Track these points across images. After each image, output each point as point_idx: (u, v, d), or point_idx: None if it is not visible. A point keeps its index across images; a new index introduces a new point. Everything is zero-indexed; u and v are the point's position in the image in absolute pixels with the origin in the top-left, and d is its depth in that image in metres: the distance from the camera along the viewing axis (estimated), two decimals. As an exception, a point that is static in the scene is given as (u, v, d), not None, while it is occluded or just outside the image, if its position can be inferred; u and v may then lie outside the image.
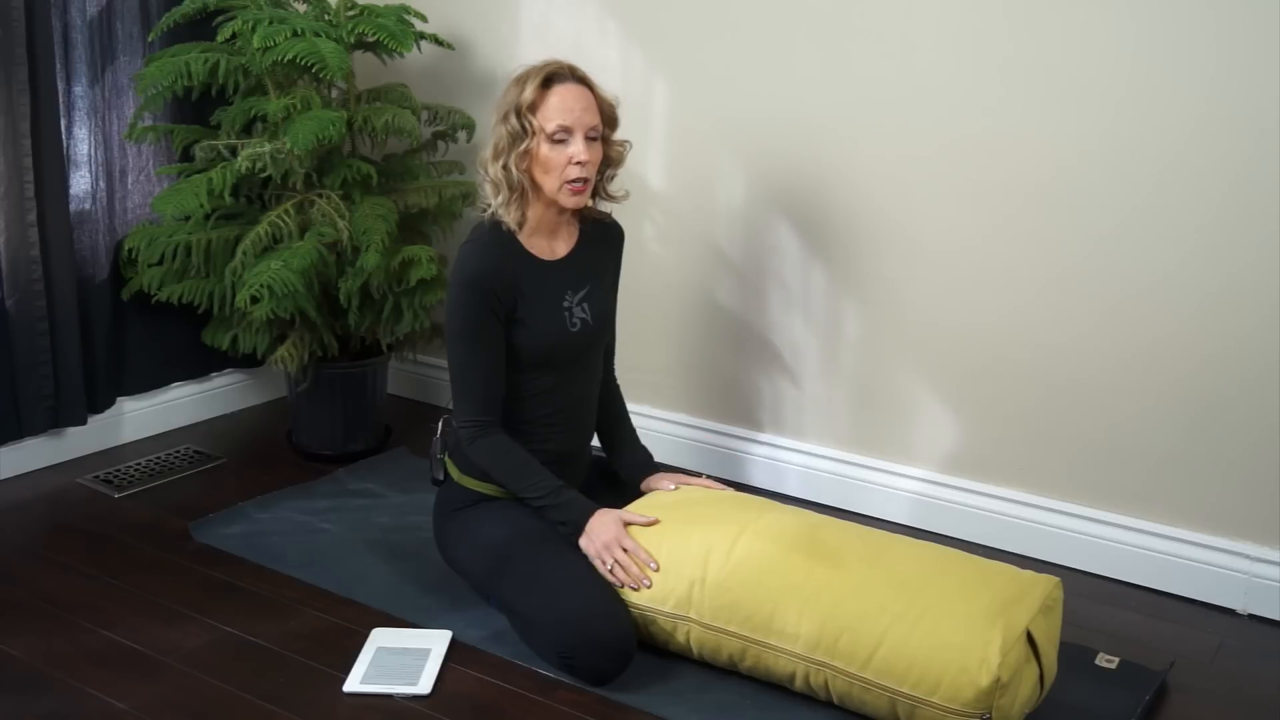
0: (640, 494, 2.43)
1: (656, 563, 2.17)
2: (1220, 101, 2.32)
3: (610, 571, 2.19)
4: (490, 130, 2.30)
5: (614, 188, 2.41)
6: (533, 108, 2.23)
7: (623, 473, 2.53)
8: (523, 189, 2.27)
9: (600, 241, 2.46)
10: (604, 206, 2.45)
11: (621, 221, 2.52)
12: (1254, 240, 2.34)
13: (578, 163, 2.23)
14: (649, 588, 2.17)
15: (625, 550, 2.19)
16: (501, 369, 2.31)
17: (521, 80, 2.25)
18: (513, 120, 2.24)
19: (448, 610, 2.37)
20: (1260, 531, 2.46)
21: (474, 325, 2.27)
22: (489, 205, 2.32)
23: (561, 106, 2.23)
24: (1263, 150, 2.30)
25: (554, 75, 2.25)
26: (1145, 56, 2.38)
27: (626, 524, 2.24)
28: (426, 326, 3.05)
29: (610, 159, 2.35)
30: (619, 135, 2.36)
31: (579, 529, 2.24)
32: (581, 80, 2.28)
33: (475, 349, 2.28)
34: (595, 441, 2.56)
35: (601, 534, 2.22)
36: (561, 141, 2.23)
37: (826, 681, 2.05)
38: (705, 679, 2.18)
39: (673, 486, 2.43)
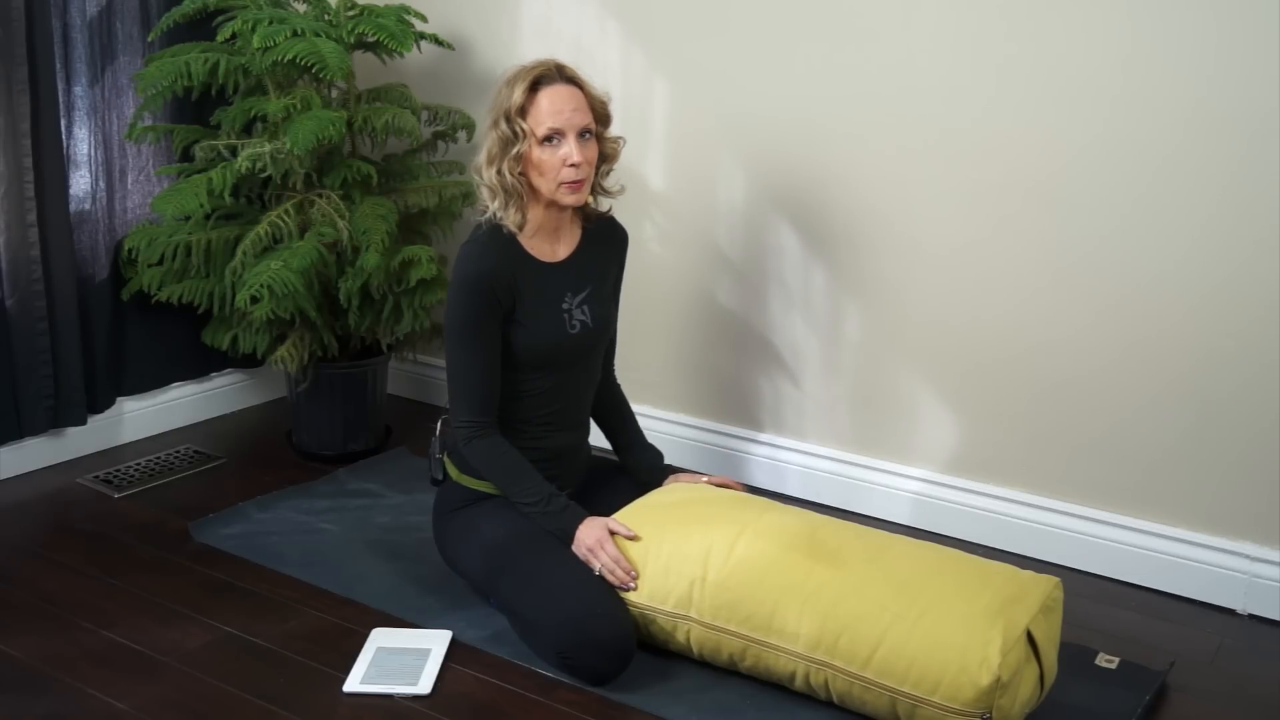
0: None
1: (636, 572, 2.18)
2: (1218, 97, 2.32)
3: (599, 573, 2.20)
4: (483, 135, 2.30)
5: (609, 183, 2.40)
6: (522, 111, 2.22)
7: (639, 476, 2.53)
8: (520, 193, 2.27)
9: (603, 243, 2.45)
10: (603, 202, 2.44)
11: (621, 221, 2.52)
12: (1253, 237, 2.34)
13: (572, 164, 2.22)
14: (634, 590, 2.18)
15: (608, 554, 2.20)
16: (498, 370, 2.30)
17: (510, 83, 2.24)
18: (503, 125, 2.23)
19: (448, 610, 2.37)
20: (1260, 531, 2.45)
21: (472, 326, 2.27)
22: (488, 209, 2.32)
23: (551, 109, 2.21)
24: (1260, 146, 2.30)
25: (542, 77, 2.23)
26: (1142, 54, 2.38)
27: (611, 533, 2.24)
28: (426, 326, 3.05)
29: (605, 155, 2.34)
30: (613, 130, 2.35)
31: (569, 537, 2.25)
32: (570, 80, 2.26)
33: (473, 349, 2.28)
34: (593, 440, 2.56)
35: (586, 538, 2.23)
36: (554, 144, 2.23)
37: (827, 681, 2.05)
38: (705, 679, 2.18)
39: (705, 479, 2.46)
